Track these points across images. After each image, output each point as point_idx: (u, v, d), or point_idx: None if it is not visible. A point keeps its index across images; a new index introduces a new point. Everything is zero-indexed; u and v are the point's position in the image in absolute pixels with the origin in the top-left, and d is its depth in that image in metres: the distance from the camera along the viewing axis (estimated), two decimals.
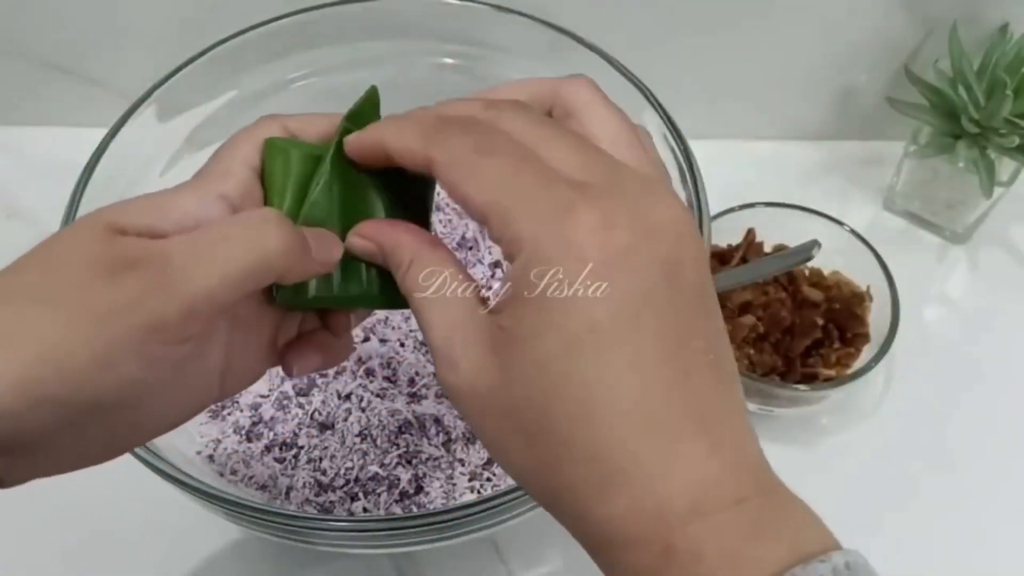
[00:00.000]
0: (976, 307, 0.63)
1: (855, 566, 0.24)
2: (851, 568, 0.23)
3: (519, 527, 0.43)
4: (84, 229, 0.26)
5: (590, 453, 0.24)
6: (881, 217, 0.67)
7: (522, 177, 0.25)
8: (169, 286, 0.25)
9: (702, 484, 0.24)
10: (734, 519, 0.24)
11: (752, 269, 0.55)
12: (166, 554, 0.52)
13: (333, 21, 0.53)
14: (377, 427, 0.48)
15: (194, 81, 0.50)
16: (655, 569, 0.24)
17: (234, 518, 0.39)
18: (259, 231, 0.27)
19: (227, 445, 0.49)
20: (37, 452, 0.25)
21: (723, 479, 0.24)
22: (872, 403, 0.58)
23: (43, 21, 0.63)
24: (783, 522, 0.25)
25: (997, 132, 0.57)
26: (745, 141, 0.70)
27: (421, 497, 0.47)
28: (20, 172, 0.68)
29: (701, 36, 0.63)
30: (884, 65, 0.65)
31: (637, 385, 0.24)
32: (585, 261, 0.24)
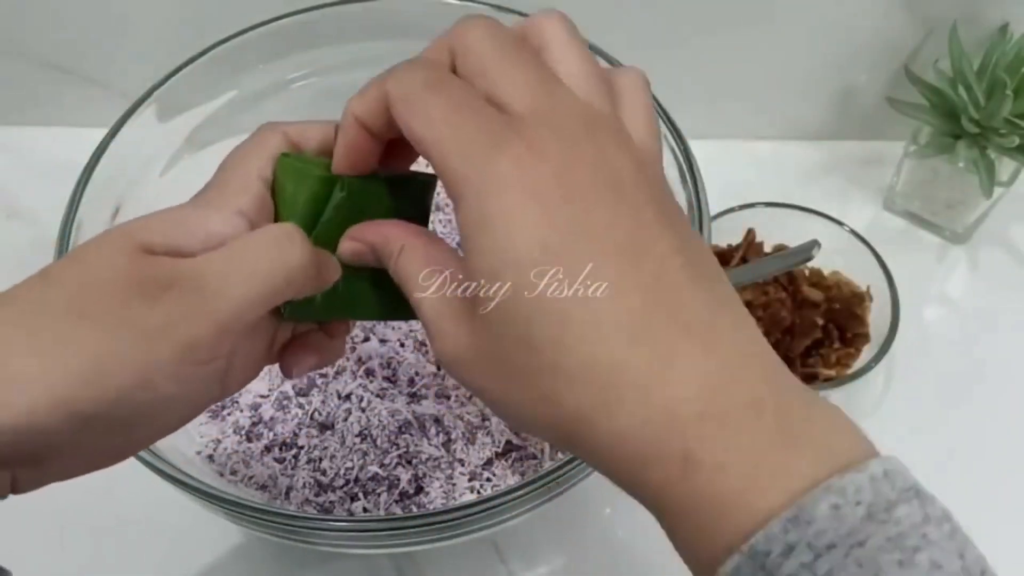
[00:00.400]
0: (976, 307, 0.63)
1: (893, 474, 0.23)
2: (889, 476, 0.23)
3: (519, 527, 0.43)
4: (116, 247, 0.26)
5: (581, 374, 0.24)
6: (881, 217, 0.67)
7: (461, 114, 0.25)
8: (203, 308, 0.26)
9: (705, 386, 0.23)
10: (754, 424, 0.23)
11: (752, 269, 0.55)
12: (166, 554, 0.52)
13: (333, 21, 0.53)
14: (377, 427, 0.48)
15: (194, 81, 0.50)
16: (677, 483, 0.23)
17: (234, 518, 0.39)
18: (283, 249, 0.28)
19: (227, 445, 0.49)
20: (57, 462, 0.26)
21: (727, 378, 0.23)
22: (872, 403, 0.58)
23: (43, 21, 0.63)
24: (810, 427, 0.24)
25: (997, 132, 0.57)
26: (745, 141, 0.70)
27: (421, 497, 0.47)
28: (20, 172, 0.68)
29: (701, 36, 0.63)
30: (884, 65, 0.65)
31: (608, 297, 0.24)
32: (508, 191, 0.24)
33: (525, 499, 0.39)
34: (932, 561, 0.21)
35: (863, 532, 0.22)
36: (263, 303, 0.28)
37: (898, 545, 0.22)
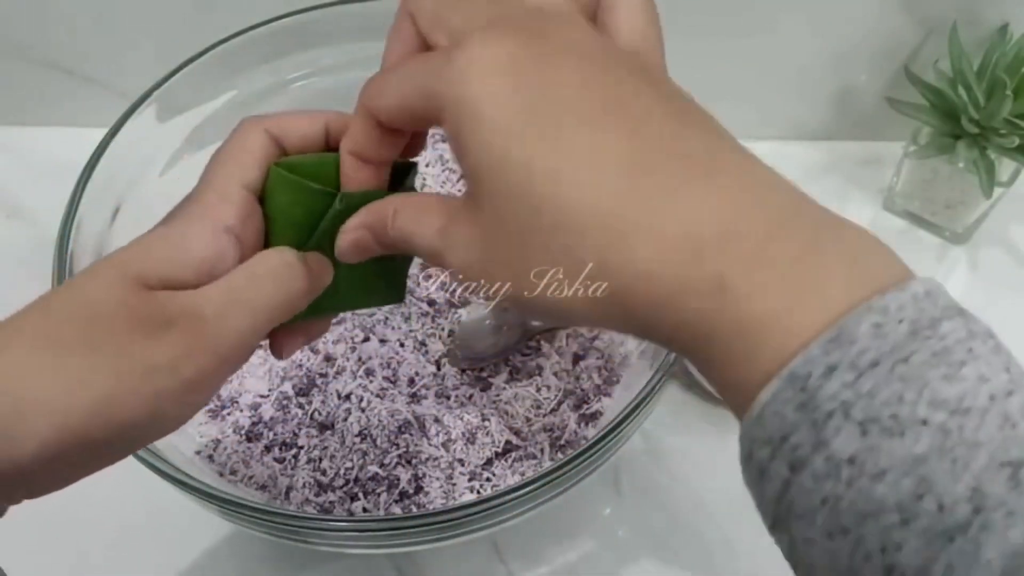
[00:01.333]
0: (976, 307, 0.62)
1: (935, 292, 0.22)
2: (931, 295, 0.22)
3: (519, 527, 0.43)
4: (112, 281, 0.27)
5: (586, 222, 0.23)
6: (881, 217, 0.67)
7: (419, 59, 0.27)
8: (205, 345, 0.27)
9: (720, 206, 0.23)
10: (784, 244, 0.22)
11: None
12: (166, 554, 0.52)
13: (333, 21, 0.53)
14: (377, 427, 0.48)
15: (194, 81, 0.50)
16: (711, 313, 0.22)
17: (234, 518, 0.39)
18: (283, 281, 0.29)
19: (227, 445, 0.49)
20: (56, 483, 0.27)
21: (745, 200, 0.23)
22: None
23: (43, 21, 0.63)
24: (844, 246, 0.23)
25: (997, 132, 0.57)
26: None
27: (421, 497, 0.47)
28: (20, 172, 0.68)
29: (701, 36, 0.63)
30: (884, 65, 0.65)
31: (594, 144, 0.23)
32: (472, 83, 0.24)
33: (525, 499, 0.39)
34: (979, 374, 0.21)
35: (907, 348, 0.21)
36: (264, 333, 0.29)
37: (944, 360, 0.21)
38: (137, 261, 0.28)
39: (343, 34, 0.54)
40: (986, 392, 0.20)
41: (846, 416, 0.21)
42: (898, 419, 0.20)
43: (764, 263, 0.22)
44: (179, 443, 0.45)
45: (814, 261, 0.22)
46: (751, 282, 0.22)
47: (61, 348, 0.25)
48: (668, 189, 0.23)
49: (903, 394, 0.20)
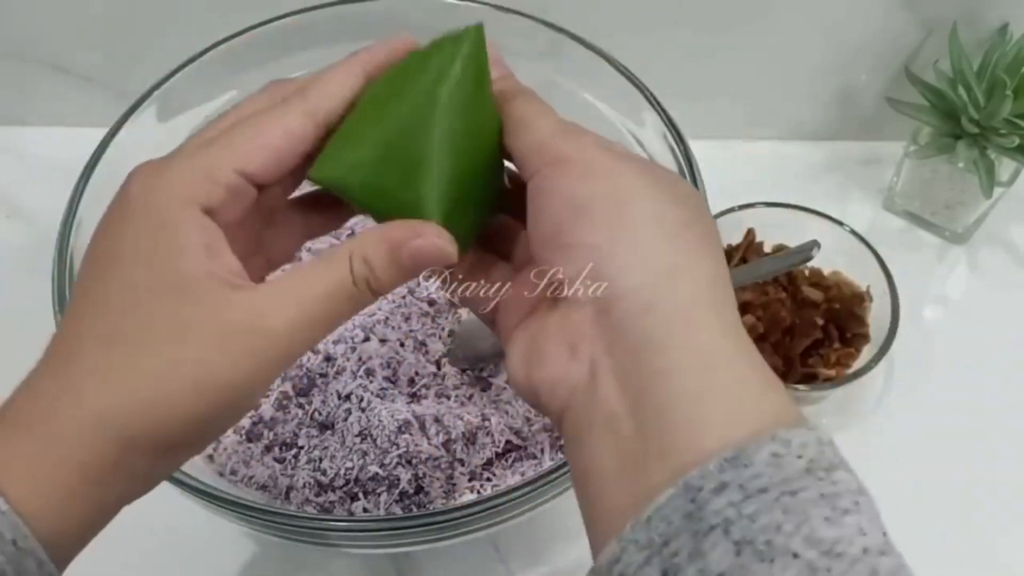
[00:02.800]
0: (976, 307, 0.63)
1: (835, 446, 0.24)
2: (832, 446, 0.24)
3: (519, 527, 0.43)
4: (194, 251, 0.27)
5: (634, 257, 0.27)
6: (881, 217, 0.67)
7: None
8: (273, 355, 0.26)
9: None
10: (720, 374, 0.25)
11: (752, 269, 0.55)
12: (166, 554, 0.52)
13: (333, 21, 0.53)
14: (377, 427, 0.48)
15: (194, 81, 0.50)
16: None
17: (234, 518, 0.39)
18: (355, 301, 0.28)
19: (227, 445, 0.49)
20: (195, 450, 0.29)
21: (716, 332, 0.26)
22: (872, 403, 0.58)
23: (43, 21, 0.63)
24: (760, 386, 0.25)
25: (997, 132, 0.57)
26: (745, 141, 0.70)
27: (421, 497, 0.47)
28: (20, 172, 0.68)
29: (701, 36, 0.63)
30: (884, 65, 0.65)
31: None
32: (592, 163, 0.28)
33: (525, 499, 0.39)
34: (859, 526, 0.22)
35: (798, 483, 0.22)
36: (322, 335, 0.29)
37: (830, 503, 0.22)
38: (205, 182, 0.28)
39: (343, 34, 0.54)
40: (861, 544, 0.21)
41: (726, 533, 0.22)
42: (771, 546, 0.21)
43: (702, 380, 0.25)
44: None
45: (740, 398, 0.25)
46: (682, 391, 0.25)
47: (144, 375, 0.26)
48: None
49: (782, 524, 0.22)
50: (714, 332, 0.26)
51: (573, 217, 0.27)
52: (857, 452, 0.60)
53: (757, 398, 0.25)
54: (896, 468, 0.55)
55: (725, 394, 0.24)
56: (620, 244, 0.27)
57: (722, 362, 0.25)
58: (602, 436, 0.25)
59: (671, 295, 0.26)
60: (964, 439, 0.56)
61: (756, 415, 0.24)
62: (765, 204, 0.59)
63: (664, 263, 0.26)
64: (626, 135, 0.52)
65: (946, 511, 0.53)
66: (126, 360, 0.25)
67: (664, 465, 0.24)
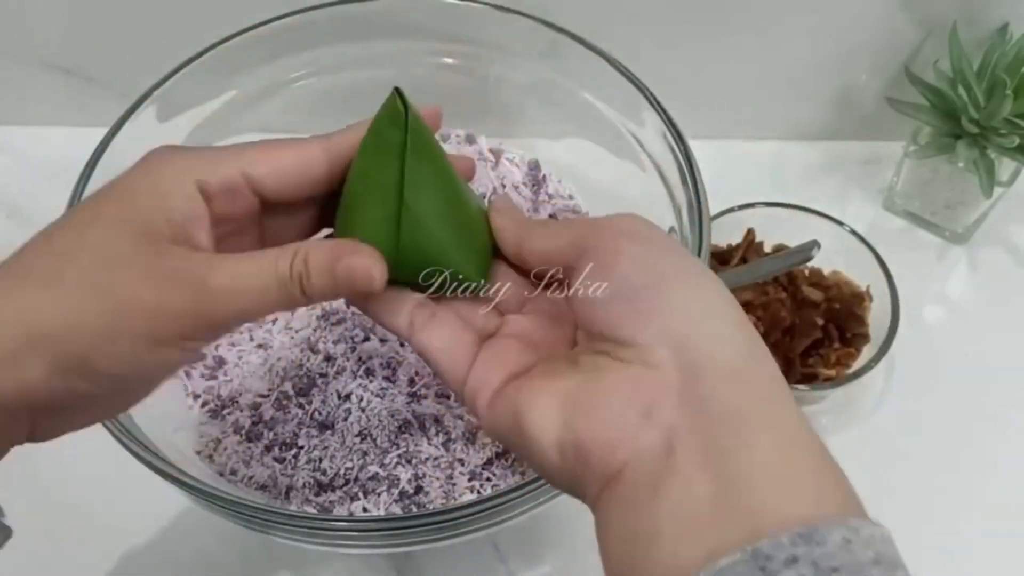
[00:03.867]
0: (976, 307, 0.62)
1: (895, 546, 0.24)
2: (893, 544, 0.24)
3: (519, 527, 0.43)
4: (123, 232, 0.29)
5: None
6: (881, 217, 0.67)
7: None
8: (205, 310, 0.28)
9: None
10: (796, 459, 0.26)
11: (752, 269, 0.55)
12: (165, 554, 0.52)
13: (333, 21, 0.53)
14: (377, 427, 0.48)
15: (194, 81, 0.50)
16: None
17: (234, 518, 0.39)
18: (286, 289, 0.29)
19: (227, 445, 0.49)
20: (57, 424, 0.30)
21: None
22: (872, 403, 0.58)
23: (43, 21, 0.63)
24: (831, 471, 0.26)
25: (997, 132, 0.57)
26: (745, 141, 0.70)
27: (421, 497, 0.47)
28: (20, 172, 0.68)
29: (701, 36, 0.63)
30: (884, 65, 0.65)
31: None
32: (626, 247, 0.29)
33: (525, 499, 0.39)
34: None
35: (867, 571, 0.22)
36: (261, 316, 0.31)
37: None
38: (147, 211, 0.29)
39: (343, 34, 0.54)
40: None
41: None
42: None
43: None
44: (179, 443, 0.45)
45: (814, 473, 0.25)
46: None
47: (71, 288, 0.28)
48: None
49: None
50: (795, 415, 0.26)
51: (652, 281, 0.28)
52: (857, 452, 0.60)
53: (834, 484, 0.25)
54: (896, 468, 0.55)
55: (805, 474, 0.25)
56: (707, 315, 0.27)
57: (803, 444, 0.26)
58: (671, 500, 0.25)
59: (758, 372, 0.27)
60: (964, 439, 0.56)
61: (831, 500, 0.25)
62: (765, 204, 0.59)
63: (747, 341, 0.27)
64: (626, 135, 0.52)
65: (946, 511, 0.53)
66: (59, 272, 0.28)
67: (738, 527, 0.24)
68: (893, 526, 0.23)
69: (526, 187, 0.59)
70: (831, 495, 0.25)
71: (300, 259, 0.29)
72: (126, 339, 0.28)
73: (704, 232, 0.44)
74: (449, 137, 0.60)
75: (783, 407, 0.26)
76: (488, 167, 0.59)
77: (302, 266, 0.29)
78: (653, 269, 0.28)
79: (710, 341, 0.26)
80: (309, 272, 0.29)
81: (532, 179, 0.59)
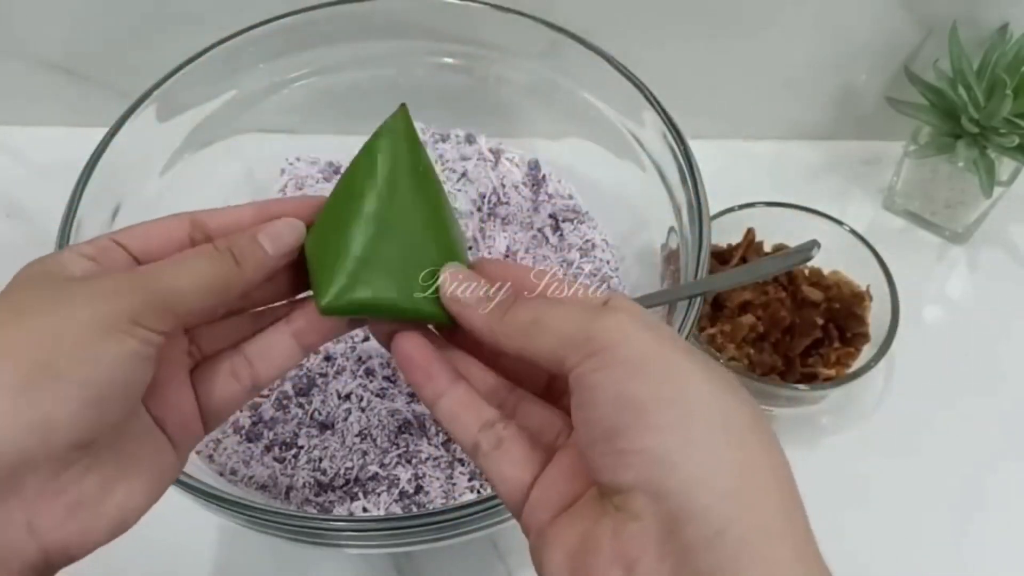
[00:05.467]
0: (976, 307, 0.63)
1: None
2: None
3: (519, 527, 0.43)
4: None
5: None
6: (881, 217, 0.67)
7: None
8: (145, 284, 0.28)
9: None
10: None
11: (752, 269, 0.55)
12: (165, 554, 0.52)
13: (333, 21, 0.53)
14: (377, 427, 0.48)
15: (194, 81, 0.50)
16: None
17: (234, 518, 0.39)
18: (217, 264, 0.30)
19: (227, 445, 0.49)
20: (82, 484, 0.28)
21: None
22: (872, 403, 0.58)
23: (43, 21, 0.63)
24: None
25: (997, 132, 0.57)
26: (745, 141, 0.70)
27: (421, 497, 0.47)
28: (20, 172, 0.68)
29: (701, 36, 0.63)
30: (884, 65, 0.65)
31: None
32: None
33: None
34: None
35: None
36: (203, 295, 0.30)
37: None
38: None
39: (343, 34, 0.54)
40: None
41: None
42: None
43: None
44: None
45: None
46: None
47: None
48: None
49: None
50: (785, 566, 0.24)
51: (627, 420, 0.25)
52: (857, 452, 0.60)
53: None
54: (896, 468, 0.55)
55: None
56: (686, 454, 0.24)
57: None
58: None
59: (743, 518, 0.24)
60: (964, 438, 0.56)
61: None
62: (765, 204, 0.59)
63: (734, 479, 0.24)
64: (626, 135, 0.52)
65: (947, 511, 0.53)
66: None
67: None
68: (893, 526, 0.23)
69: (526, 187, 0.59)
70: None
71: (226, 240, 0.31)
72: (71, 331, 0.26)
73: (704, 232, 0.44)
74: (449, 137, 0.60)
75: (772, 551, 0.24)
76: (488, 167, 0.59)
77: (229, 241, 0.31)
78: (631, 402, 0.25)
79: (686, 490, 0.24)
80: (237, 242, 0.31)
81: (532, 179, 0.59)
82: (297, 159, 0.60)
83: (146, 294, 0.28)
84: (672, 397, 0.25)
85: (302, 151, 0.61)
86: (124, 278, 0.28)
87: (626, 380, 0.26)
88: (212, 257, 0.30)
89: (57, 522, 0.27)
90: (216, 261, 0.30)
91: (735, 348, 0.55)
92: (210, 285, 0.29)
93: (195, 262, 0.30)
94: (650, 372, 0.26)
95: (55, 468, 0.26)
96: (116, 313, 0.27)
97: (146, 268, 0.29)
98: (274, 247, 0.31)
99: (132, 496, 0.30)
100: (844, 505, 0.50)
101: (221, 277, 0.30)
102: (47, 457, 0.26)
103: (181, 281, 0.29)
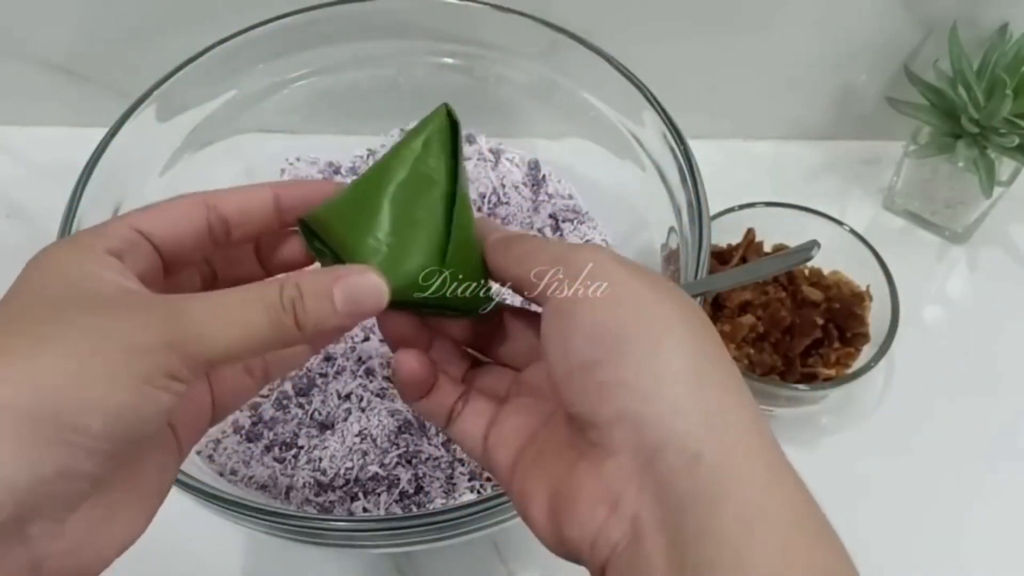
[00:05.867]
0: (975, 307, 0.63)
1: None
2: None
3: (519, 527, 0.43)
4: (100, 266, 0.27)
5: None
6: (881, 217, 0.67)
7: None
8: (190, 337, 0.25)
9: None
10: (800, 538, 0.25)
11: (752, 269, 0.55)
12: (165, 554, 0.51)
13: (333, 21, 0.53)
14: (377, 427, 0.48)
15: (194, 81, 0.50)
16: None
17: (234, 518, 0.39)
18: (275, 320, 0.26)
19: (227, 445, 0.49)
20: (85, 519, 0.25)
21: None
22: (872, 403, 0.58)
23: (43, 21, 0.63)
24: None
25: (997, 132, 0.57)
26: (745, 141, 0.70)
27: (421, 497, 0.47)
28: (20, 172, 0.68)
29: (701, 36, 0.63)
30: (884, 65, 0.65)
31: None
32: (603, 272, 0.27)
33: None
34: None
35: None
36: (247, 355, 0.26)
37: None
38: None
39: (343, 34, 0.54)
40: None
41: None
42: None
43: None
44: None
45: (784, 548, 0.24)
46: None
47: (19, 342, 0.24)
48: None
49: None
50: (762, 484, 0.25)
51: (604, 352, 0.26)
52: (857, 452, 0.60)
53: (807, 551, 0.24)
54: (896, 468, 0.55)
55: (774, 552, 0.24)
56: (661, 385, 0.25)
57: (772, 515, 0.24)
58: None
59: (718, 443, 0.25)
60: (964, 438, 0.56)
61: (804, 572, 0.24)
62: (765, 204, 0.59)
63: (707, 405, 0.25)
64: (626, 135, 0.52)
65: (947, 510, 0.53)
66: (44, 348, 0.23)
67: None
68: (894, 525, 0.23)
69: (526, 187, 0.59)
70: (809, 564, 0.24)
71: (291, 285, 0.26)
72: (101, 381, 0.23)
73: (704, 232, 0.44)
74: None
75: (749, 472, 0.25)
76: (488, 167, 0.59)
77: (295, 291, 0.26)
78: (607, 332, 0.26)
79: (663, 418, 0.25)
80: (303, 295, 0.26)
81: (532, 179, 0.59)
82: (297, 159, 0.60)
83: (187, 347, 0.24)
84: (644, 327, 0.26)
85: (302, 151, 0.61)
86: (163, 324, 0.24)
87: (601, 309, 0.26)
88: (270, 312, 0.26)
89: (62, 560, 0.25)
90: (274, 316, 0.26)
91: (735, 348, 0.55)
92: (262, 343, 0.26)
93: (249, 314, 0.26)
94: (623, 301, 0.26)
95: (64, 515, 0.25)
96: (152, 368, 0.24)
97: (188, 309, 0.25)
98: (347, 309, 0.27)
99: (136, 517, 0.28)
100: (844, 505, 0.50)
101: (275, 337, 0.26)
102: (59, 508, 0.24)
103: (230, 335, 0.25)
